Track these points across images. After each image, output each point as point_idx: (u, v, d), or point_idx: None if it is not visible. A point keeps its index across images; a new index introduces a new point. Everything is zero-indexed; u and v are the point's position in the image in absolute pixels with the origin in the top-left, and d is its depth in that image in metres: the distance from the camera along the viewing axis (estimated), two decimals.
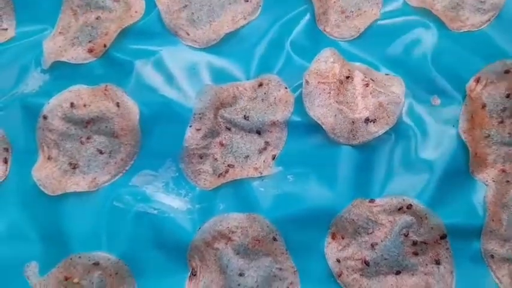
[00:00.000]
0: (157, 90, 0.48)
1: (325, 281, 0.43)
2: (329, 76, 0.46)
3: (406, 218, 0.43)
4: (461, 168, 0.45)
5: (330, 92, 0.45)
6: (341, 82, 0.46)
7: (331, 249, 0.43)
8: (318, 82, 0.46)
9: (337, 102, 0.45)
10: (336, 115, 0.45)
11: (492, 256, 0.42)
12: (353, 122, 0.45)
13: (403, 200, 0.43)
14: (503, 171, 0.44)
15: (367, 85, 0.46)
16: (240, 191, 0.45)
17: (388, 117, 0.45)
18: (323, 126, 0.45)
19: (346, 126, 0.45)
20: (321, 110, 0.45)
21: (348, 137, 0.44)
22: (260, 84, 0.49)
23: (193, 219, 0.45)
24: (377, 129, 0.44)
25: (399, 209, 0.43)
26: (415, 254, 0.42)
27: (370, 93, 0.46)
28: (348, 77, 0.46)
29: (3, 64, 0.50)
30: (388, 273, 0.42)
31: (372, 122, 0.44)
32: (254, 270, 0.43)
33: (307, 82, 0.46)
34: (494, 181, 0.44)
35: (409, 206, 0.43)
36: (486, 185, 0.44)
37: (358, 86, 0.46)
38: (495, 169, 0.44)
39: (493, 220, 0.42)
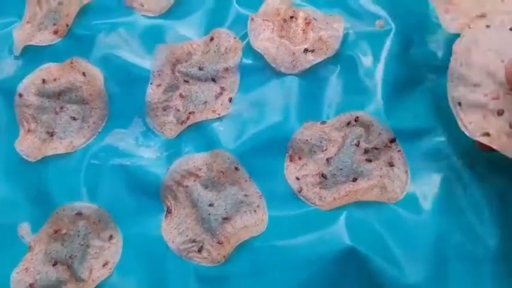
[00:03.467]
0: (118, 57, 0.53)
1: (288, 199, 0.46)
2: (274, 15, 0.50)
3: (355, 130, 0.46)
4: (402, 79, 0.48)
5: (273, 28, 0.50)
6: (285, 21, 0.50)
7: (290, 170, 0.47)
8: (263, 20, 0.50)
9: (279, 36, 0.50)
10: (277, 47, 0.49)
11: (459, 103, 0.40)
12: (293, 53, 0.49)
13: (351, 114, 0.47)
14: (483, 16, 0.41)
15: (308, 23, 0.50)
16: (201, 133, 0.49)
17: (327, 48, 0.49)
18: (265, 57, 0.48)
19: (287, 58, 0.49)
20: (264, 43, 0.49)
21: (288, 67, 0.49)
22: (211, 39, 0.53)
23: (162, 164, 0.49)
24: (314, 58, 0.48)
25: (348, 124, 0.46)
26: (369, 160, 0.45)
27: (311, 29, 0.50)
28: (292, 17, 0.51)
29: None
30: (345, 181, 0.45)
31: (310, 52, 0.48)
32: (222, 200, 0.46)
33: (252, 19, 0.50)
34: (470, 27, 0.41)
35: (356, 119, 0.46)
36: (462, 34, 0.41)
37: (300, 23, 0.50)
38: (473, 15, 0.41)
39: (461, 65, 0.40)
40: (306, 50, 0.49)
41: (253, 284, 0.43)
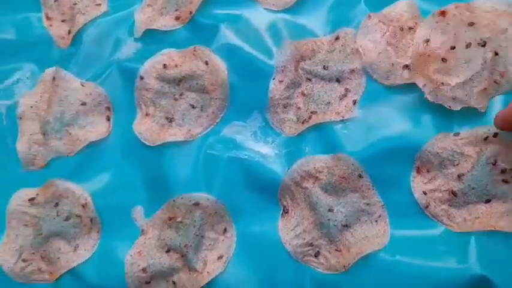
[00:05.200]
0: (241, 49, 0.52)
1: (413, 213, 0.44)
2: (393, 20, 0.48)
3: (493, 147, 0.43)
4: None
5: (385, 33, 0.47)
6: (401, 29, 0.48)
7: (417, 183, 0.45)
8: (379, 21, 0.48)
9: (387, 43, 0.47)
10: (380, 53, 0.47)
11: None
12: (392, 64, 0.46)
13: (489, 129, 0.44)
14: None
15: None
16: (323, 134, 0.48)
17: None
18: (363, 57, 0.47)
19: (384, 66, 0.47)
20: (368, 44, 0.48)
21: (381, 76, 0.47)
22: (337, 38, 0.51)
23: (282, 162, 0.48)
24: (409, 77, 0.46)
25: (485, 139, 0.44)
26: (505, 181, 0.43)
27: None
28: (410, 28, 0.48)
29: (100, 35, 0.56)
30: (477, 202, 0.43)
31: (408, 69, 0.46)
32: (342, 206, 0.45)
33: (369, 16, 0.49)
34: None
35: (495, 135, 0.43)
36: None
37: (417, 39, 0.47)
38: None
39: None
40: (405, 67, 0.46)
41: None
